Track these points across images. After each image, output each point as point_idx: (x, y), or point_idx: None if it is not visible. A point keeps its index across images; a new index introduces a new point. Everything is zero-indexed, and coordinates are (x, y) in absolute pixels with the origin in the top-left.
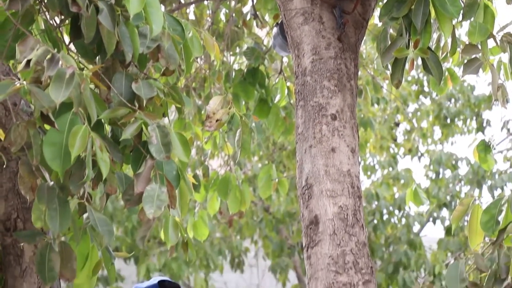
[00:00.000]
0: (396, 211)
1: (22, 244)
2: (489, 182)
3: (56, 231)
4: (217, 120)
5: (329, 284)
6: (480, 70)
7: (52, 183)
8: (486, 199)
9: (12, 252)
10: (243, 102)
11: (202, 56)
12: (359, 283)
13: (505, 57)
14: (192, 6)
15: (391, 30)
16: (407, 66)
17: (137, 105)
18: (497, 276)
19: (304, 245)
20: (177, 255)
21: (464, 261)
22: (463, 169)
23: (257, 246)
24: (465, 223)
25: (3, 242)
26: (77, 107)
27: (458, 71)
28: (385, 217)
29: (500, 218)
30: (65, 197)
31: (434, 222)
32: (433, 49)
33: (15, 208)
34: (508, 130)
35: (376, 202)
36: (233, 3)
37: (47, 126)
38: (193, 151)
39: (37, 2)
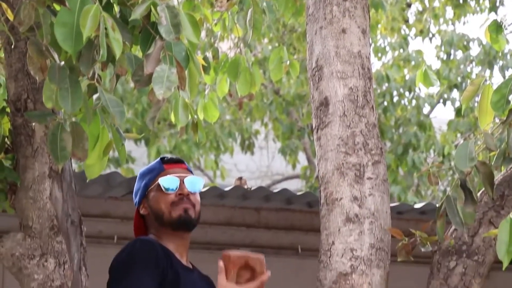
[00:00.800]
0: (407, 93)
1: (33, 124)
2: (501, 63)
3: (68, 111)
4: (227, 0)
5: (338, 165)
6: None
7: (62, 63)
8: (497, 80)
9: (23, 132)
10: None
11: None
12: (368, 164)
13: None
14: None
15: None
16: None
17: None
18: (506, 155)
19: (314, 126)
20: (187, 137)
21: (473, 141)
22: (474, 50)
23: (267, 128)
24: (475, 104)
25: (14, 122)
26: None
27: None
28: (395, 99)
29: (511, 97)
30: (76, 78)
31: (444, 103)
32: None
33: (25, 88)
34: None
35: (386, 84)
36: None
37: (56, 6)
38: (203, 33)
39: None
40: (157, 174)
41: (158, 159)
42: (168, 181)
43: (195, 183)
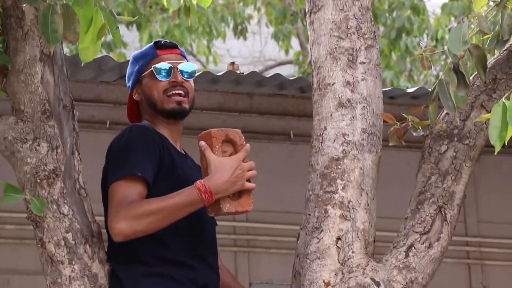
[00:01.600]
0: None
1: (23, 5)
2: None
3: None
4: None
5: (331, 49)
6: None
7: None
8: None
9: (13, 14)
10: None
11: None
12: (361, 48)
13: None
14: None
15: None
16: None
17: None
18: (499, 38)
19: (306, 10)
20: (179, 21)
21: (467, 24)
22: None
23: (260, 13)
24: None
25: (3, 4)
26: None
27: None
28: None
29: None
30: None
31: None
32: None
33: None
34: None
35: None
36: None
37: None
38: None
39: None
40: (150, 59)
41: (152, 43)
42: (161, 68)
43: (189, 70)
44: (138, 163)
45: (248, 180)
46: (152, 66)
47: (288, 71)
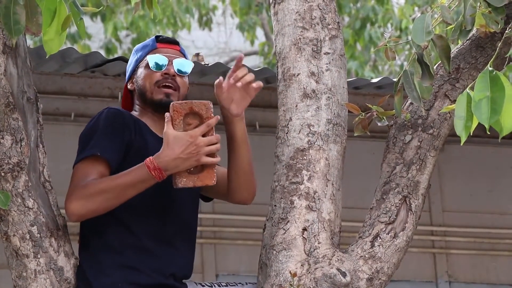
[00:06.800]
0: None
1: None
2: None
3: None
4: None
5: (295, 40)
6: None
7: None
8: None
9: None
10: None
11: None
12: (325, 39)
13: None
14: None
15: None
16: None
17: None
18: (462, 28)
19: (271, 1)
20: (144, 13)
21: (430, 14)
22: None
23: (224, 3)
24: None
25: None
26: None
27: None
28: None
29: None
30: None
31: None
32: None
33: None
34: None
35: None
36: None
37: None
38: None
39: None
40: (148, 51)
41: (154, 37)
42: (156, 59)
43: (184, 66)
44: (99, 145)
45: (213, 155)
46: (148, 56)
47: (254, 62)
